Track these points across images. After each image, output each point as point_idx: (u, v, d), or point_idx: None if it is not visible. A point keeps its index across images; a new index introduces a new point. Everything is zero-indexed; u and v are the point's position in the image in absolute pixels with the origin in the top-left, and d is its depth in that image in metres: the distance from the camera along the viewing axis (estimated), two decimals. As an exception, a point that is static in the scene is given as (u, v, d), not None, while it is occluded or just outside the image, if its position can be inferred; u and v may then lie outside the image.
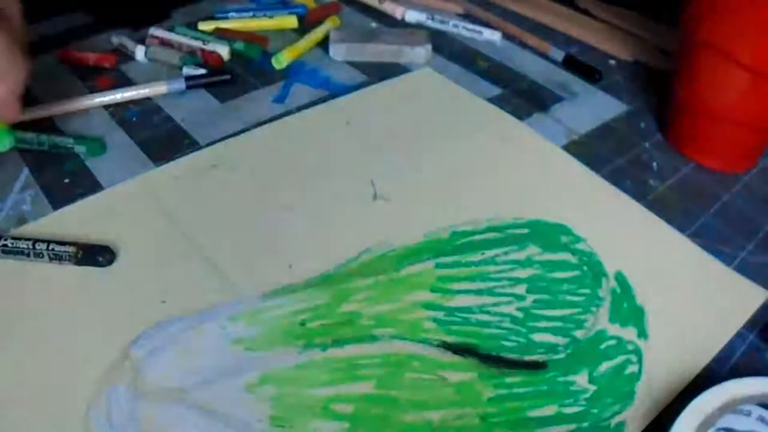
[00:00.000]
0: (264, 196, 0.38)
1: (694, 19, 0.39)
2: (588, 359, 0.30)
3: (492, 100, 0.48)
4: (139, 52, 0.49)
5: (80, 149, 0.39)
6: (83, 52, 0.49)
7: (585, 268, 0.34)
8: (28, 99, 0.43)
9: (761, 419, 0.26)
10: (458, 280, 0.34)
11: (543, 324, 0.32)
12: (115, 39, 0.51)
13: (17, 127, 0.39)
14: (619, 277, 0.34)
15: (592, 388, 0.29)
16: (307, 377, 0.29)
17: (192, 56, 0.49)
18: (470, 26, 0.56)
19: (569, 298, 0.33)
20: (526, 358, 0.30)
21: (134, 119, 0.44)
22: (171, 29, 0.52)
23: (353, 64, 0.51)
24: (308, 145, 0.42)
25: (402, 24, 0.58)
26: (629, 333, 0.32)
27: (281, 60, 0.50)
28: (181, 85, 0.46)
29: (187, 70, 0.48)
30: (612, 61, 0.54)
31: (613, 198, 0.39)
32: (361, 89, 0.48)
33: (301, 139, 0.43)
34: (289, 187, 0.39)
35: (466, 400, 0.28)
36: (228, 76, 0.47)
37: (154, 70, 0.48)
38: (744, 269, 0.35)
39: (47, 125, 0.42)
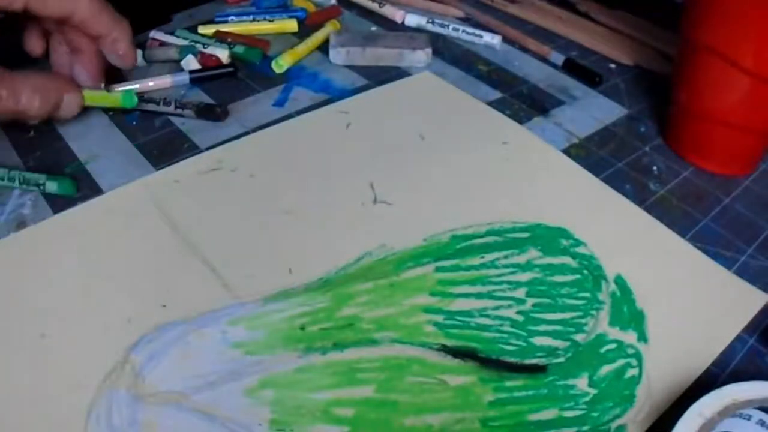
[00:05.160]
0: (264, 200, 0.38)
1: (694, 22, 0.40)
2: (588, 363, 0.30)
3: (492, 103, 0.48)
4: (138, 55, 0.49)
5: (51, 187, 0.37)
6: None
7: (585, 271, 0.34)
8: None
9: (761, 423, 0.26)
10: (458, 283, 0.34)
11: (543, 327, 0.32)
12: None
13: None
14: (619, 281, 0.34)
15: (593, 391, 0.29)
16: (308, 381, 0.29)
17: (190, 48, 0.49)
18: (470, 30, 0.56)
19: (569, 301, 0.33)
20: (526, 361, 0.30)
21: (134, 123, 0.44)
22: (171, 33, 0.52)
23: (353, 68, 0.51)
24: (308, 148, 0.42)
25: (402, 28, 0.58)
26: (629, 336, 0.32)
27: (281, 64, 0.50)
28: (185, 77, 0.46)
29: (187, 62, 0.48)
30: (612, 65, 0.54)
31: (614, 202, 0.39)
32: (361, 93, 0.48)
33: (301, 143, 0.43)
34: (290, 191, 0.39)
35: (466, 404, 0.28)
36: (231, 68, 0.48)
37: (155, 72, 0.48)
38: (744, 273, 0.35)
39: (47, 129, 0.42)
